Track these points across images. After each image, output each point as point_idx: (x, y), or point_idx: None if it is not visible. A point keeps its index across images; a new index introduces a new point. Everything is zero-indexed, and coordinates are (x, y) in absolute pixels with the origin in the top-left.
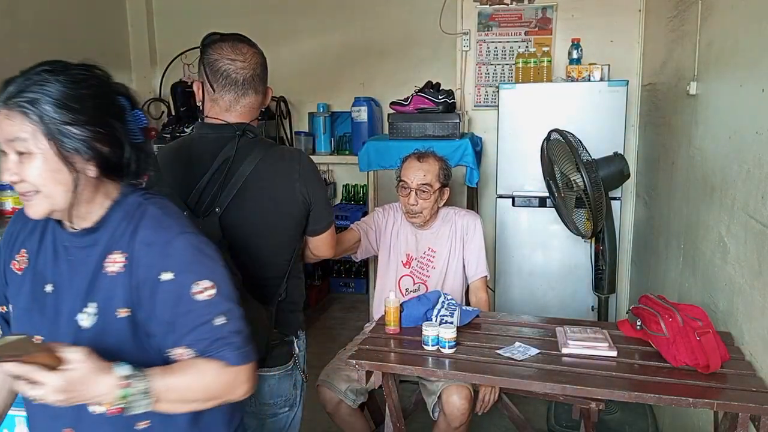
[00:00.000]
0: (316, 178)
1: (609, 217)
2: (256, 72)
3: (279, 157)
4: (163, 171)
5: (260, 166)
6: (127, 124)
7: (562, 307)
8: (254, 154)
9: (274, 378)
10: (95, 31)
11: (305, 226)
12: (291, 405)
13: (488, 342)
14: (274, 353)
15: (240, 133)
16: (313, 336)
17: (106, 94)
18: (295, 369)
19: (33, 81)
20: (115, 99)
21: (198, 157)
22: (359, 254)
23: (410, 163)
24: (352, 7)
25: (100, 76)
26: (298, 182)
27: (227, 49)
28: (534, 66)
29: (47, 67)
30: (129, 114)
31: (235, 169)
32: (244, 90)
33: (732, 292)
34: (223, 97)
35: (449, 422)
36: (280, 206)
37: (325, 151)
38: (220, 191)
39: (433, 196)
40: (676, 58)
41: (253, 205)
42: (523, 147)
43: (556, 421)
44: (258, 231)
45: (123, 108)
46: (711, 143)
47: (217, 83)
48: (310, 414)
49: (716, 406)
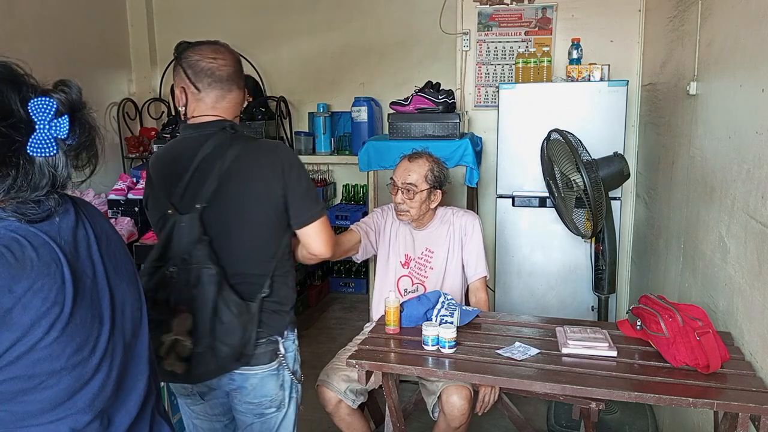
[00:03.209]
0: (294, 169)
1: (609, 217)
2: (236, 68)
3: (256, 151)
4: (152, 176)
5: (238, 160)
6: (18, 129)
7: (562, 307)
8: (233, 149)
9: (256, 377)
10: (95, 31)
11: (289, 220)
12: (279, 406)
13: (488, 342)
14: (256, 352)
15: (222, 128)
16: (313, 336)
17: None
18: (281, 370)
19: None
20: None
21: (180, 157)
22: (360, 255)
23: (401, 162)
24: (352, 7)
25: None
26: (274, 174)
27: (206, 50)
28: (534, 66)
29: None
30: (40, 119)
31: (214, 165)
32: (228, 86)
33: (732, 292)
34: (209, 94)
35: (449, 422)
36: (257, 199)
37: (325, 151)
38: (199, 188)
39: (418, 197)
40: (676, 58)
41: (232, 200)
42: (523, 147)
43: (556, 421)
44: (237, 225)
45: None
46: (711, 143)
47: (202, 82)
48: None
49: (716, 406)
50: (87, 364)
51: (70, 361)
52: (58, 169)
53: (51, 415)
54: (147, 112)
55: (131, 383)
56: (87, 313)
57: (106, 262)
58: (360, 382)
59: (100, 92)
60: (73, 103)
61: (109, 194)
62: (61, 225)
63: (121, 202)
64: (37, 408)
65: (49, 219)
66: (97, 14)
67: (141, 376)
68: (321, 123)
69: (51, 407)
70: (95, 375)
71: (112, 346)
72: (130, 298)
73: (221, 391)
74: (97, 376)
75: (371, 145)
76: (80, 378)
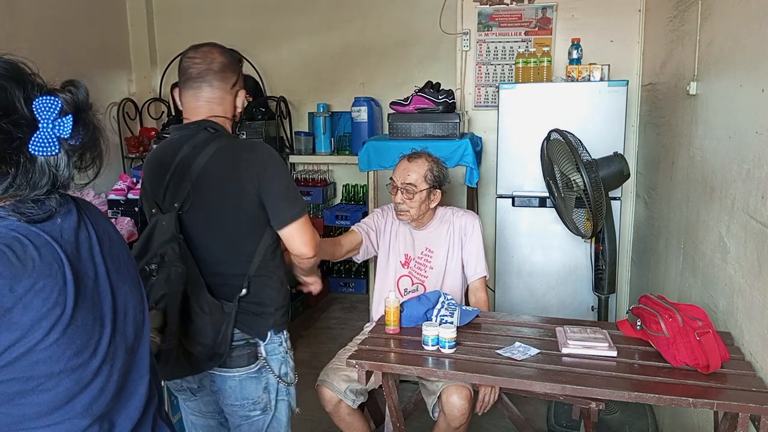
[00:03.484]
0: (269, 169)
1: (609, 217)
2: (210, 67)
3: (231, 151)
4: (144, 177)
5: (212, 160)
6: (20, 127)
7: (562, 307)
8: (208, 149)
9: (234, 380)
10: (95, 31)
11: (268, 220)
12: (264, 409)
13: (488, 342)
14: (234, 354)
15: (203, 129)
16: (313, 336)
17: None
18: (264, 372)
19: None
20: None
21: (164, 158)
22: (361, 255)
23: (400, 162)
24: (351, 7)
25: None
26: (248, 174)
27: (191, 51)
28: (534, 66)
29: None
30: (43, 118)
31: (191, 166)
32: (198, 84)
33: (732, 292)
34: (186, 95)
35: (449, 422)
36: (230, 199)
37: (325, 151)
38: (177, 188)
39: (418, 197)
40: (676, 58)
41: (206, 200)
42: (523, 147)
43: (556, 421)
44: (212, 225)
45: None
46: (711, 143)
47: (182, 84)
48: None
49: (716, 406)
50: (87, 368)
51: (70, 364)
52: (60, 169)
53: (48, 418)
54: (147, 112)
55: (132, 387)
56: (88, 315)
57: (108, 264)
58: (360, 382)
59: (100, 92)
60: (78, 103)
61: (109, 194)
62: (63, 225)
63: (121, 202)
64: (34, 411)
65: (50, 219)
66: (97, 14)
67: (142, 380)
68: (321, 123)
69: (49, 410)
70: (95, 379)
71: (114, 350)
72: (132, 301)
73: (209, 390)
74: (96, 380)
75: (371, 145)
76: (79, 381)
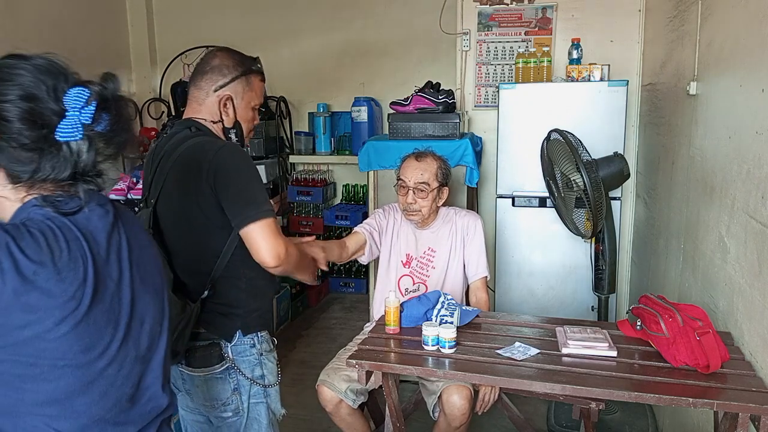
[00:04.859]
0: (225, 170)
1: (609, 217)
2: (200, 67)
3: (194, 150)
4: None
5: (180, 158)
6: (46, 115)
7: (562, 307)
8: (180, 147)
9: (199, 379)
10: (95, 31)
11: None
12: (235, 411)
13: (488, 342)
14: (197, 354)
15: (186, 128)
16: (313, 336)
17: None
18: (232, 374)
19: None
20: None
21: (153, 155)
22: (366, 256)
23: (408, 162)
24: (352, 7)
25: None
26: (205, 173)
27: (205, 52)
28: (534, 66)
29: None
30: (72, 107)
31: (167, 163)
32: (191, 83)
33: (732, 292)
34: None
35: (449, 422)
36: (190, 197)
37: (325, 151)
38: (155, 184)
39: (431, 195)
40: (676, 58)
41: (172, 197)
42: (523, 147)
43: (556, 421)
44: (177, 222)
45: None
46: (711, 143)
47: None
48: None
49: (716, 406)
50: (92, 367)
51: (76, 360)
52: (81, 156)
53: (45, 409)
54: (147, 112)
55: (142, 397)
56: (103, 316)
57: (134, 271)
58: (360, 382)
59: None
60: (105, 93)
61: (109, 194)
62: (97, 225)
63: (121, 202)
64: (32, 398)
65: (80, 212)
66: (97, 14)
67: (153, 391)
68: (321, 123)
69: (47, 401)
70: (98, 380)
71: (123, 355)
72: (151, 310)
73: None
74: (100, 382)
75: (371, 145)
76: (82, 379)
